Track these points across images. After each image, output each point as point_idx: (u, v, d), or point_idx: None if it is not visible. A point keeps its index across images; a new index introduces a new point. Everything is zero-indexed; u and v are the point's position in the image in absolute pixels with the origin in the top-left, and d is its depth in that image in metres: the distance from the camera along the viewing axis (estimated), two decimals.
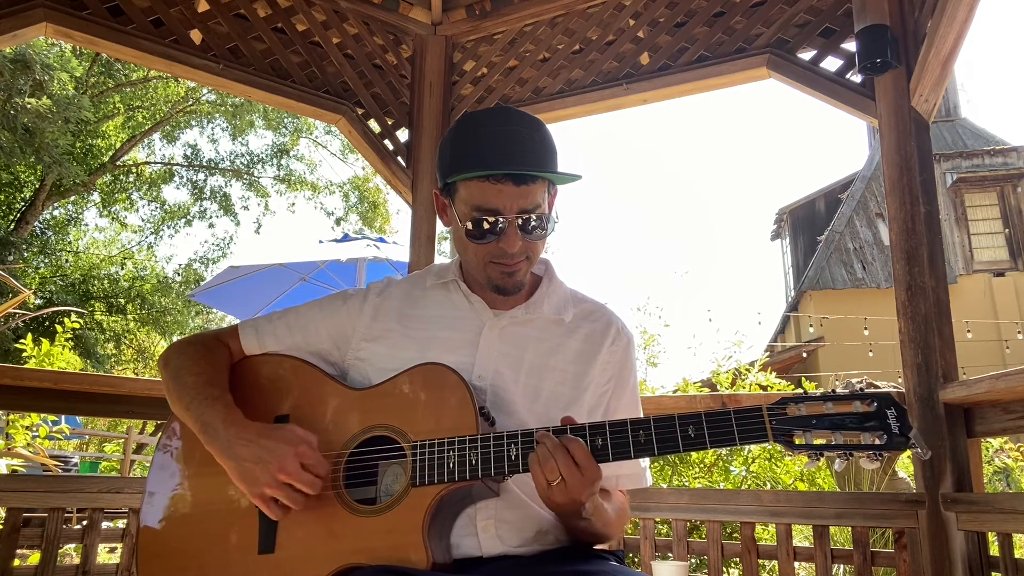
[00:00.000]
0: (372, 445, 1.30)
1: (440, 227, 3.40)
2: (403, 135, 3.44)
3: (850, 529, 2.45)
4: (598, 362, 1.43)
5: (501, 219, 1.31)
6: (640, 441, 1.17)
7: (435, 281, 1.50)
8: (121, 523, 3.10)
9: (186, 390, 1.36)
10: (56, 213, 19.25)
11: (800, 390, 4.07)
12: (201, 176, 20.54)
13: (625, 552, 2.40)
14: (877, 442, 1.09)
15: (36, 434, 4.88)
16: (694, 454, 4.60)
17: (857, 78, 2.68)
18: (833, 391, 1.15)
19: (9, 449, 4.45)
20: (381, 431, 1.29)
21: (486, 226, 1.31)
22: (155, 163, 20.39)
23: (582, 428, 1.20)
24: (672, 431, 1.16)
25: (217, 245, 20.82)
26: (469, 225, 1.33)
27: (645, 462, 1.48)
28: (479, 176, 1.30)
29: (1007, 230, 15.74)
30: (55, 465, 4.81)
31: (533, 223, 1.33)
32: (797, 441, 1.12)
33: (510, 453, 1.20)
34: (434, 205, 1.48)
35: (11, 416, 4.89)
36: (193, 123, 19.98)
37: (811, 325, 15.26)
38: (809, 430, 1.12)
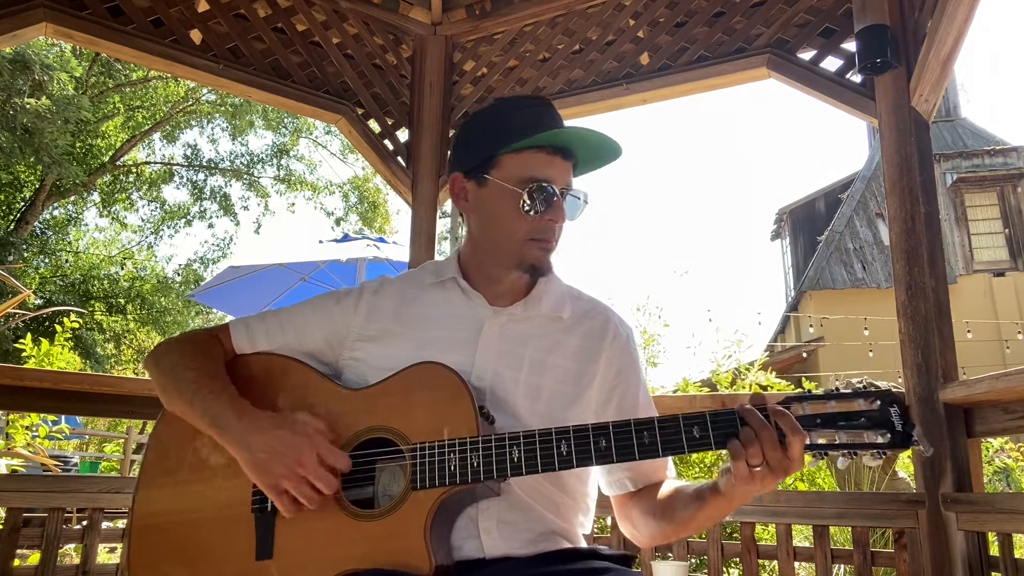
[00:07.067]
0: (369, 447, 1.26)
1: (440, 227, 3.39)
2: (403, 135, 3.44)
3: (850, 529, 2.45)
4: (601, 359, 1.41)
5: (555, 190, 1.34)
6: (644, 442, 1.15)
7: (432, 279, 1.46)
8: (121, 523, 3.10)
9: (187, 385, 1.32)
10: (56, 213, 19.28)
11: (800, 390, 4.06)
12: (201, 176, 20.58)
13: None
14: (880, 440, 1.09)
15: (36, 434, 4.87)
16: (694, 454, 4.59)
17: (857, 78, 2.67)
18: (836, 390, 1.14)
19: (9, 449, 4.45)
20: (379, 433, 1.26)
21: (542, 196, 1.33)
22: (155, 163, 20.42)
23: (593, 427, 1.17)
24: (676, 432, 1.14)
25: (217, 245, 20.89)
26: (526, 195, 1.33)
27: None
28: (533, 146, 1.33)
29: (1007, 230, 15.73)
30: (55, 465, 4.80)
31: (573, 199, 1.37)
32: None
33: (512, 454, 1.17)
34: (451, 192, 1.45)
35: (11, 416, 4.88)
36: (193, 123, 20.01)
37: (811, 325, 15.25)
38: (813, 429, 1.11)
